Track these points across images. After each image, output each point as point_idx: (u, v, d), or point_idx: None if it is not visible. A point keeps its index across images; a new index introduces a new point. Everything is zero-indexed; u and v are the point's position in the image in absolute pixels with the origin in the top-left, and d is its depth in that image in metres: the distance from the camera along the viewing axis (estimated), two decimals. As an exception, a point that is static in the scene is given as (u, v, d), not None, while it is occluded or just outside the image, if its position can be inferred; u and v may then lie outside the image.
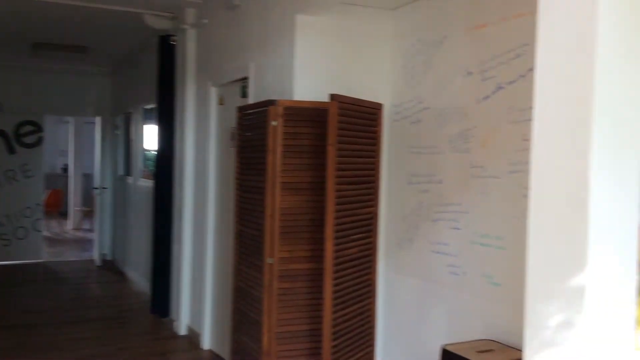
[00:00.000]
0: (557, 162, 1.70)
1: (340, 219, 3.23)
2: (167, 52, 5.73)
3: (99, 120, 9.08)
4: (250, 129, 3.60)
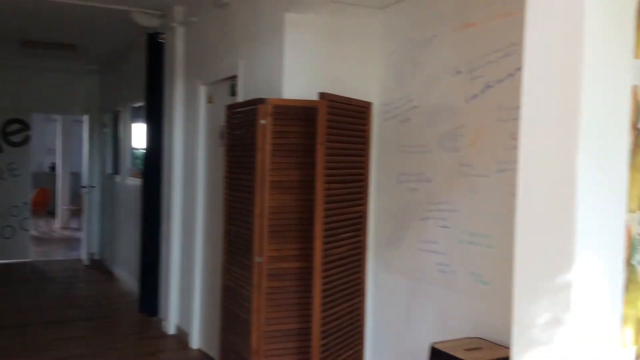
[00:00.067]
0: (544, 161, 1.71)
1: (329, 217, 3.23)
2: (155, 50, 5.70)
3: (87, 118, 9.03)
4: (240, 127, 3.59)
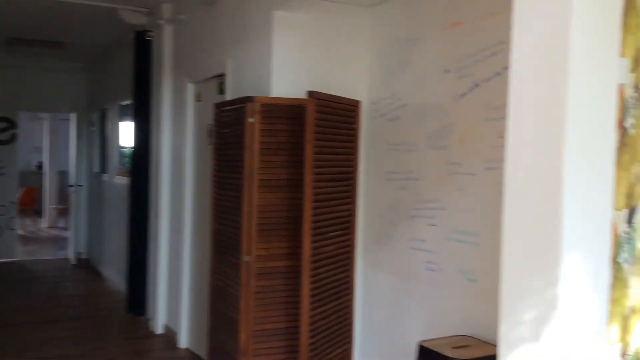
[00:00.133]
0: (531, 159, 1.71)
1: (317, 216, 3.23)
2: (143, 48, 5.66)
3: (74, 116, 8.95)
4: (228, 125, 3.58)
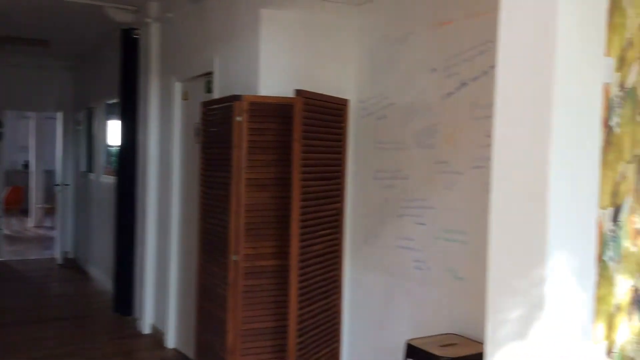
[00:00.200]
0: (518, 158, 1.72)
1: (305, 215, 3.22)
2: (130, 46, 5.63)
3: (60, 115, 8.89)
4: (215, 124, 3.56)
